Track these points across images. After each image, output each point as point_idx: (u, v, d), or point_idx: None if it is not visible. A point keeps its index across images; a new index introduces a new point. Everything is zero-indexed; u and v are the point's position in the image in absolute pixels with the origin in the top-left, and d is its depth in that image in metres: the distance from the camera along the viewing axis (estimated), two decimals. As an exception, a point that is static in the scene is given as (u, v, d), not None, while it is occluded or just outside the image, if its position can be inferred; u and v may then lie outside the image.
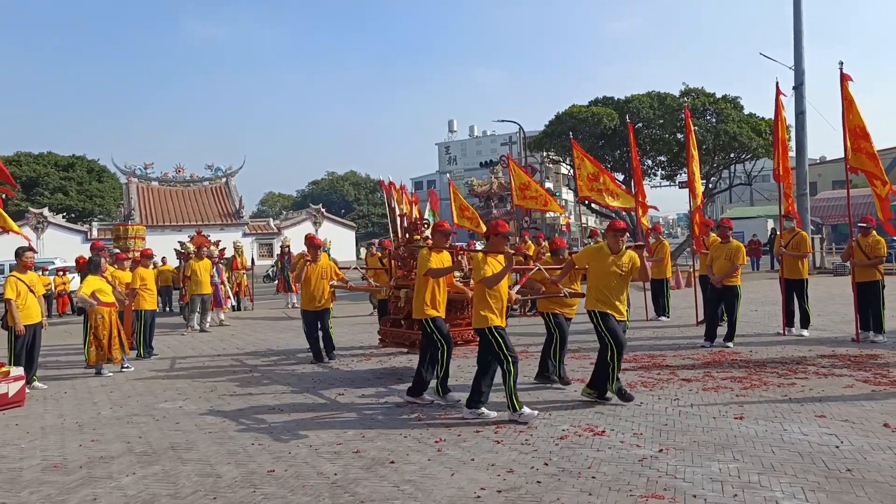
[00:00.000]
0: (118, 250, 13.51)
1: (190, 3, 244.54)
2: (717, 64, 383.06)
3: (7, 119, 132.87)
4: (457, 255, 6.68)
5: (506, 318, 5.80)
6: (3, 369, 6.97)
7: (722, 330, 8.98)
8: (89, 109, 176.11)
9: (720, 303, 9.02)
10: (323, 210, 46.54)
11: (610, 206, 13.63)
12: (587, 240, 14.73)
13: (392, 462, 4.61)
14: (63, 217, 41.55)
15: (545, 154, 30.38)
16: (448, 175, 30.96)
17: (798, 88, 20.76)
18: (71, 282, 18.44)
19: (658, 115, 24.80)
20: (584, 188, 12.86)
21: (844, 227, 35.99)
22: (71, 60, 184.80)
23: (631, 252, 6.01)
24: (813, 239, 20.15)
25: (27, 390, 7.21)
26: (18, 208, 40.87)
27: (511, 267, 5.57)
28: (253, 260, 19.19)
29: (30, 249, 8.03)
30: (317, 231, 42.49)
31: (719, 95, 25.31)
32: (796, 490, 3.81)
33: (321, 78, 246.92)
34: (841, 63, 8.97)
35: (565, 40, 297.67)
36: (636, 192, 12.93)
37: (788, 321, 9.53)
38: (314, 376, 7.93)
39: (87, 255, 10.60)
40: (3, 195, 8.89)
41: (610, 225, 6.15)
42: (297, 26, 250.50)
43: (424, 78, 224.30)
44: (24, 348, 7.67)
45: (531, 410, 5.49)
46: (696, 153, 11.57)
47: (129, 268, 10.40)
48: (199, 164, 79.14)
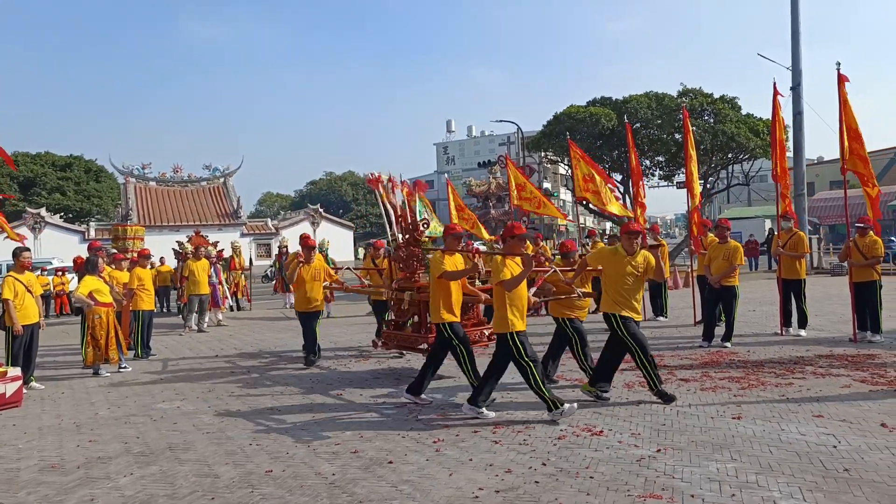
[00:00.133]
0: (115, 250, 13.50)
1: (190, 3, 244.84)
2: (716, 64, 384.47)
3: (6, 119, 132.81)
4: (473, 258, 6.55)
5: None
6: (1, 370, 6.96)
7: (720, 330, 8.99)
8: (88, 109, 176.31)
9: (718, 303, 9.04)
10: (321, 210, 46.52)
11: (604, 209, 13.65)
12: (585, 239, 14.70)
13: (390, 462, 4.61)
14: (60, 217, 41.46)
15: (543, 154, 30.39)
16: (446, 175, 31.01)
17: (795, 89, 20.78)
18: (70, 282, 18.42)
19: (656, 115, 24.84)
20: (580, 189, 12.88)
21: (842, 228, 36.05)
22: (70, 60, 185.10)
23: (645, 252, 6.01)
24: (810, 239, 20.19)
25: (25, 391, 7.20)
26: (16, 208, 40.77)
27: (530, 269, 5.50)
28: (251, 260, 19.18)
29: (27, 249, 8.03)
30: (315, 231, 42.47)
31: (717, 96, 25.34)
32: (794, 490, 3.82)
33: (320, 78, 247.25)
34: (838, 63, 8.98)
35: (565, 40, 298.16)
36: (634, 192, 12.92)
37: (786, 321, 9.54)
38: (312, 377, 7.92)
39: (85, 255, 10.58)
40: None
41: (624, 227, 6.13)
42: (296, 26, 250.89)
43: (423, 78, 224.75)
44: (22, 349, 7.66)
45: (571, 404, 5.46)
46: (694, 153, 11.58)
47: (127, 268, 10.39)
48: (197, 165, 78.98)
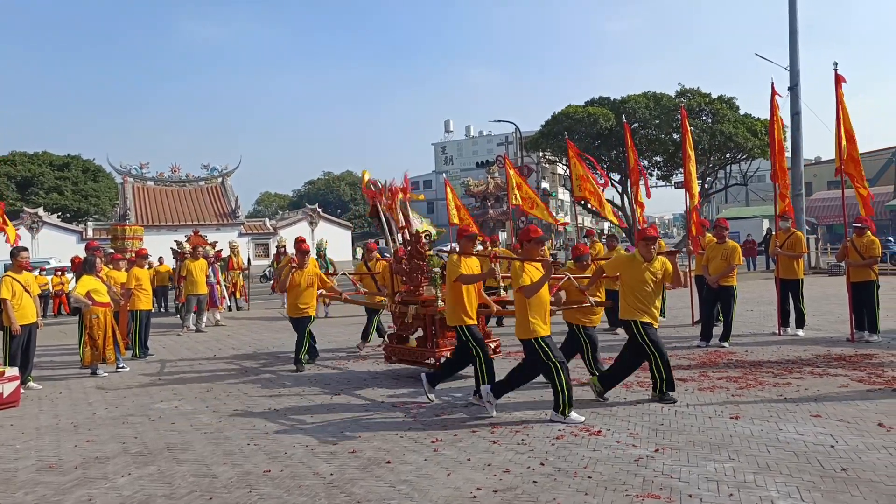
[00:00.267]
0: (113, 250, 13.48)
1: (189, 3, 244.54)
2: (714, 64, 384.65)
3: (6, 119, 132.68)
4: (492, 262, 6.44)
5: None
6: (-1, 370, 6.95)
7: (718, 330, 9.00)
8: (87, 109, 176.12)
9: (716, 303, 9.04)
10: (319, 210, 46.55)
11: (603, 212, 13.67)
12: (584, 239, 14.72)
13: (388, 462, 4.61)
14: (58, 217, 41.47)
15: (541, 154, 30.43)
16: (444, 175, 30.99)
17: (793, 89, 20.80)
18: (69, 282, 18.39)
19: (654, 115, 24.89)
20: (577, 189, 12.92)
21: (839, 228, 36.05)
22: (70, 60, 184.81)
23: (662, 258, 6.01)
24: (808, 239, 20.19)
25: (22, 391, 7.20)
26: (13, 208, 40.71)
27: (550, 274, 5.42)
28: (249, 260, 19.18)
29: (25, 249, 8.01)
30: (313, 231, 42.49)
31: (715, 96, 25.39)
32: (791, 489, 3.82)
33: (319, 78, 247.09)
34: (835, 64, 8.98)
35: (563, 41, 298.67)
36: (633, 192, 12.93)
37: (784, 321, 9.56)
38: (310, 377, 7.92)
39: (83, 255, 10.56)
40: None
41: (641, 233, 6.10)
42: (295, 27, 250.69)
43: (422, 78, 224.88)
44: (20, 348, 7.64)
45: (580, 418, 5.40)
46: (692, 153, 11.59)
47: (125, 268, 10.38)
48: (195, 164, 79.04)
